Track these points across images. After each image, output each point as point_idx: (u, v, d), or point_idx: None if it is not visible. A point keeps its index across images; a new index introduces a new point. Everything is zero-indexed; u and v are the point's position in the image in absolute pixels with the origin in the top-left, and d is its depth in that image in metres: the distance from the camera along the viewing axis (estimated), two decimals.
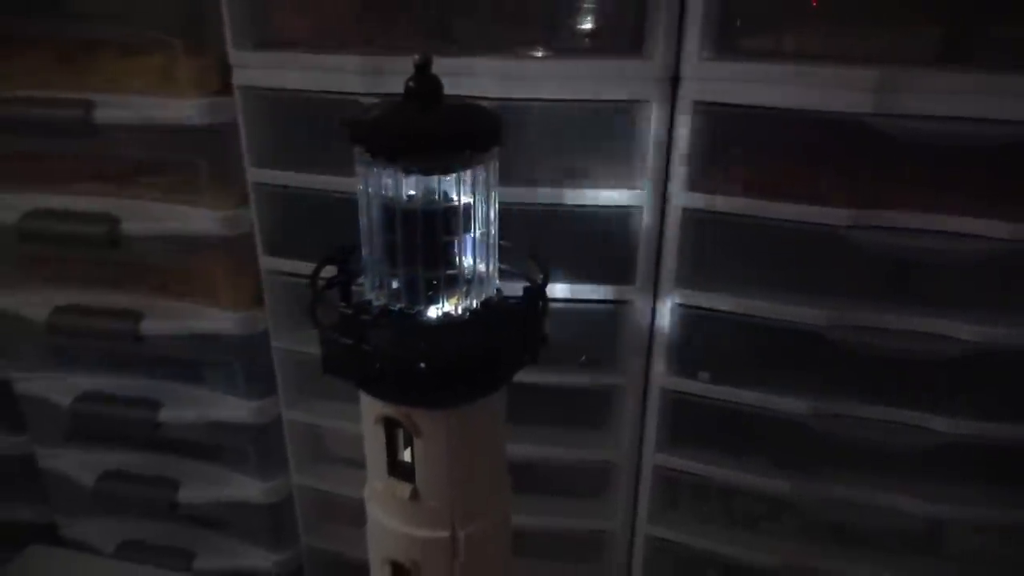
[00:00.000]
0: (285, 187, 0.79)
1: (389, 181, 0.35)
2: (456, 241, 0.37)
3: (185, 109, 0.78)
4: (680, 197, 0.71)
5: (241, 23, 0.75)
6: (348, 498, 0.90)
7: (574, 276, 0.76)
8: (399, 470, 0.41)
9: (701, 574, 0.89)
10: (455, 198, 0.36)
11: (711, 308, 0.75)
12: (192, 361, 0.92)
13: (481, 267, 0.38)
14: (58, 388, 0.97)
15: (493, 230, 0.39)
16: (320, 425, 0.93)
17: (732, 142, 0.70)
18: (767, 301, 0.72)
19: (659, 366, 0.79)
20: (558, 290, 0.76)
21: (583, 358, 0.82)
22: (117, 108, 0.79)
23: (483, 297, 0.39)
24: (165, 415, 0.93)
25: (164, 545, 1.04)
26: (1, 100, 0.80)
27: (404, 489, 0.41)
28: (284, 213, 0.82)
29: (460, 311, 0.38)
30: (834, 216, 0.67)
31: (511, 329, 0.39)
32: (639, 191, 0.72)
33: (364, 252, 0.38)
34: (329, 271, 0.42)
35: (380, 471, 0.42)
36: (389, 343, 0.38)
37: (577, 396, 0.84)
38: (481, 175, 0.37)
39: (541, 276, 0.40)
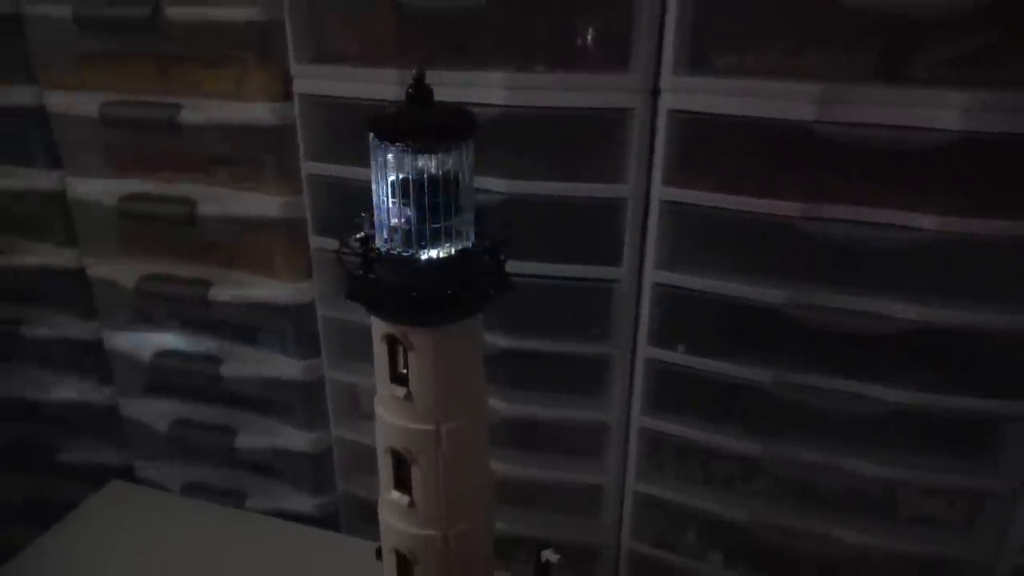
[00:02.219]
0: (333, 178, 0.95)
1: (392, 159, 0.49)
2: (440, 204, 0.51)
3: (254, 112, 0.94)
4: (660, 191, 0.84)
5: (301, 42, 0.91)
6: None
7: (571, 258, 0.89)
8: (398, 377, 0.55)
9: (683, 527, 1.00)
10: (439, 172, 0.50)
11: (687, 288, 0.86)
12: (250, 325, 1.08)
13: (460, 224, 0.52)
14: (140, 345, 1.14)
15: (469, 197, 0.52)
16: (357, 384, 1.07)
17: (703, 145, 0.82)
18: (734, 282, 0.84)
19: (643, 339, 0.91)
20: (556, 270, 0.89)
21: (596, 329, 0.93)
22: (199, 111, 0.95)
23: (461, 247, 0.52)
24: (226, 371, 1.09)
25: (222, 487, 1.20)
26: (109, 103, 0.97)
27: (401, 392, 0.55)
28: (331, 200, 0.97)
29: (443, 256, 0.52)
30: (787, 208, 0.78)
31: (481, 271, 0.53)
32: (625, 186, 0.84)
33: (375, 212, 0.52)
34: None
35: (384, 379, 0.56)
36: (391, 277, 0.52)
37: (577, 364, 0.96)
38: (459, 156, 0.50)
39: (502, 235, 0.53)
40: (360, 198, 0.90)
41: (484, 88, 0.83)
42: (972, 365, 0.81)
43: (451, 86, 0.59)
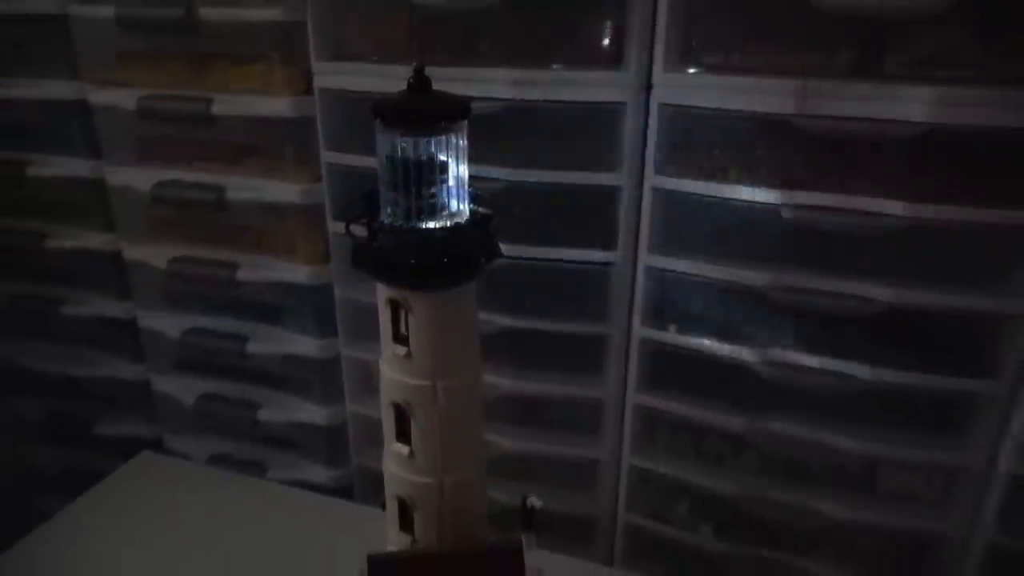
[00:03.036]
0: (349, 166, 1.02)
1: (392, 140, 0.56)
2: (436, 181, 0.57)
3: (278, 106, 1.01)
4: (652, 180, 0.90)
5: (321, 41, 0.98)
6: None
7: (569, 243, 0.95)
8: (399, 338, 0.62)
9: (675, 500, 1.06)
10: (435, 153, 0.57)
11: (677, 271, 0.92)
12: (273, 305, 1.16)
13: (454, 201, 0.59)
14: (170, 324, 1.23)
15: (463, 176, 0.59)
16: (370, 361, 1.14)
17: (692, 136, 0.88)
18: (720, 265, 0.90)
19: (637, 319, 0.97)
20: (555, 253, 0.96)
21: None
22: (228, 104, 1.03)
23: (455, 221, 0.59)
24: (251, 348, 1.17)
25: (244, 459, 1.28)
26: (146, 97, 1.06)
27: (402, 351, 0.62)
28: (348, 187, 1.04)
29: (439, 228, 0.58)
30: (767, 196, 0.84)
31: (473, 242, 0.59)
32: (620, 175, 0.91)
33: (380, 188, 0.59)
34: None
35: (388, 339, 0.63)
36: (392, 246, 0.58)
37: (575, 344, 1.02)
38: (453, 139, 0.57)
39: (492, 212, 0.60)
40: (373, 185, 0.97)
41: (490, 84, 0.89)
42: (940, 345, 0.86)
43: (460, 81, 0.66)
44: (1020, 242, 0.78)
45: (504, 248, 0.96)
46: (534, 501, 0.65)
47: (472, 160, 0.61)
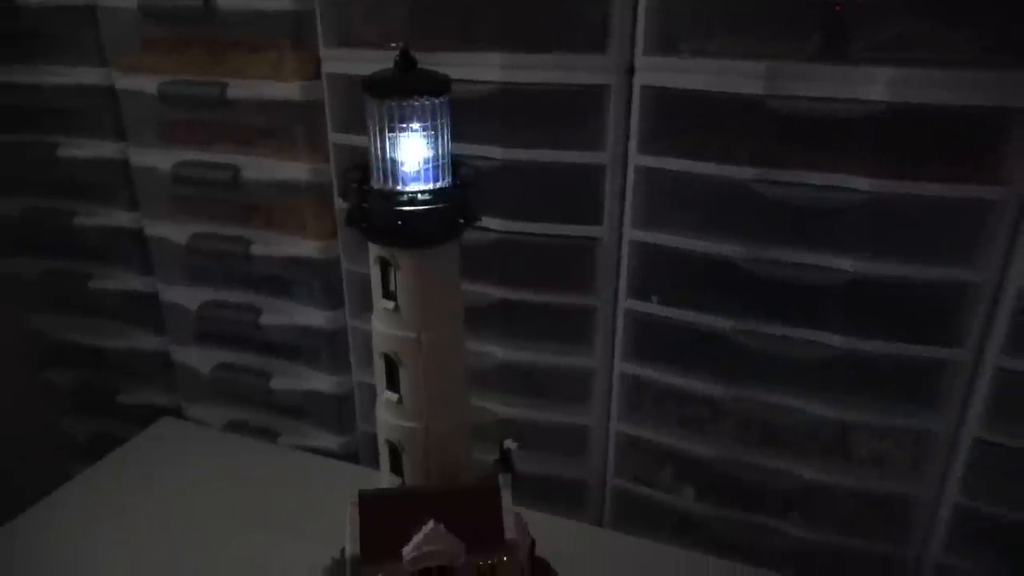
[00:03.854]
0: (355, 147, 1.09)
1: (380, 112, 0.62)
2: (421, 150, 0.64)
3: (289, 90, 1.08)
4: (635, 158, 0.95)
5: (329, 29, 1.05)
6: None
7: (558, 218, 1.01)
8: (388, 294, 0.68)
9: (660, 464, 1.11)
10: (418, 123, 0.63)
11: (659, 244, 0.98)
12: (284, 278, 1.23)
13: (437, 168, 0.65)
14: (189, 297, 1.30)
15: (446, 145, 0.65)
16: None
17: (672, 116, 0.93)
18: (699, 239, 0.95)
19: (623, 291, 1.03)
20: (545, 228, 1.02)
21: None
22: (243, 89, 1.10)
23: (437, 186, 0.65)
24: (264, 319, 1.24)
25: (258, 426, 1.35)
26: (167, 82, 1.13)
27: (390, 305, 0.68)
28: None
29: (424, 193, 0.65)
30: (741, 172, 0.89)
31: (454, 205, 0.65)
32: (605, 153, 0.96)
33: (371, 156, 0.66)
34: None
35: (379, 295, 0.69)
36: (381, 208, 0.65)
37: (565, 315, 1.08)
38: (434, 110, 0.63)
39: (472, 178, 0.66)
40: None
41: (484, 67, 0.95)
42: (909, 314, 0.90)
43: (456, 65, 0.71)
44: (980, 215, 0.83)
45: (497, 223, 1.04)
46: (510, 444, 0.71)
47: (467, 139, 0.67)
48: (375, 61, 1.01)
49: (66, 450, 1.56)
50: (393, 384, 0.72)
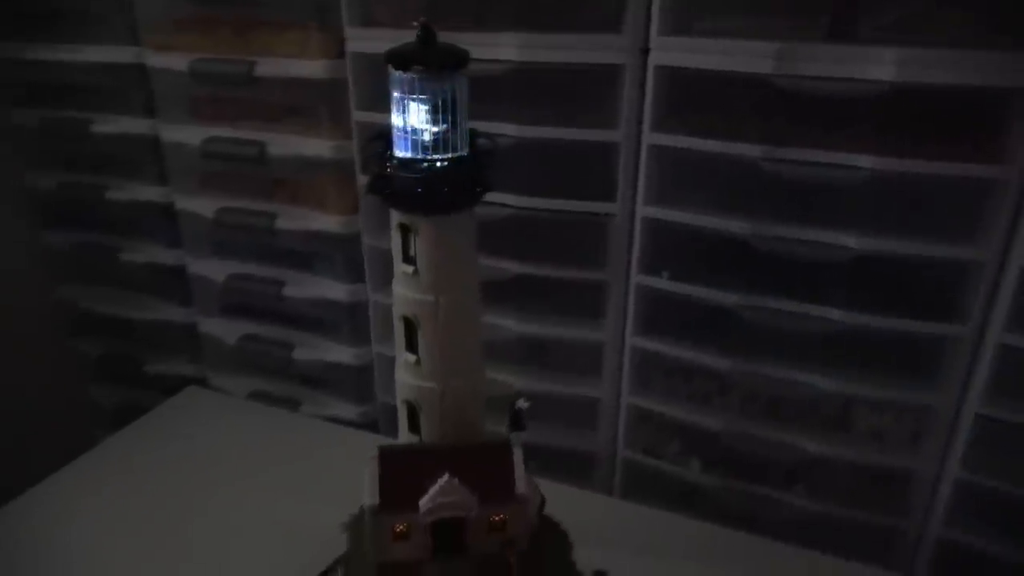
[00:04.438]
0: (377, 124, 1.12)
1: (402, 84, 0.66)
2: (440, 121, 0.67)
3: (314, 69, 1.12)
4: (648, 136, 0.98)
5: (352, 10, 1.08)
6: None
7: (572, 195, 1.04)
8: (408, 258, 0.72)
9: (668, 436, 1.15)
10: (438, 95, 0.66)
11: (670, 221, 1.01)
12: (307, 252, 1.27)
13: (455, 138, 0.69)
14: (216, 270, 1.35)
15: (463, 116, 0.68)
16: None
17: (684, 96, 0.96)
18: (708, 215, 0.98)
19: (634, 266, 1.06)
20: (560, 204, 1.05)
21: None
22: (270, 67, 1.14)
23: (456, 155, 0.69)
24: (287, 292, 1.29)
25: (280, 396, 1.40)
26: (197, 61, 1.17)
27: (410, 269, 0.72)
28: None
29: (442, 162, 0.68)
30: (750, 151, 0.92)
31: (471, 174, 0.69)
32: (618, 131, 0.99)
33: (392, 127, 0.69)
34: None
35: (399, 259, 0.73)
36: (403, 176, 0.68)
37: (578, 289, 1.11)
38: (453, 83, 0.66)
39: (488, 147, 0.70)
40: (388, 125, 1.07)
41: (501, 47, 0.98)
42: (911, 290, 0.93)
43: (473, 45, 0.74)
44: (981, 193, 0.85)
45: (512, 199, 1.07)
46: (521, 403, 0.75)
47: (483, 117, 0.71)
48: (397, 40, 1.06)
49: (93, 418, 1.62)
50: (412, 346, 0.76)
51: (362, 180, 1.18)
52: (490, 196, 0.73)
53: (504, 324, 1.14)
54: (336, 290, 1.26)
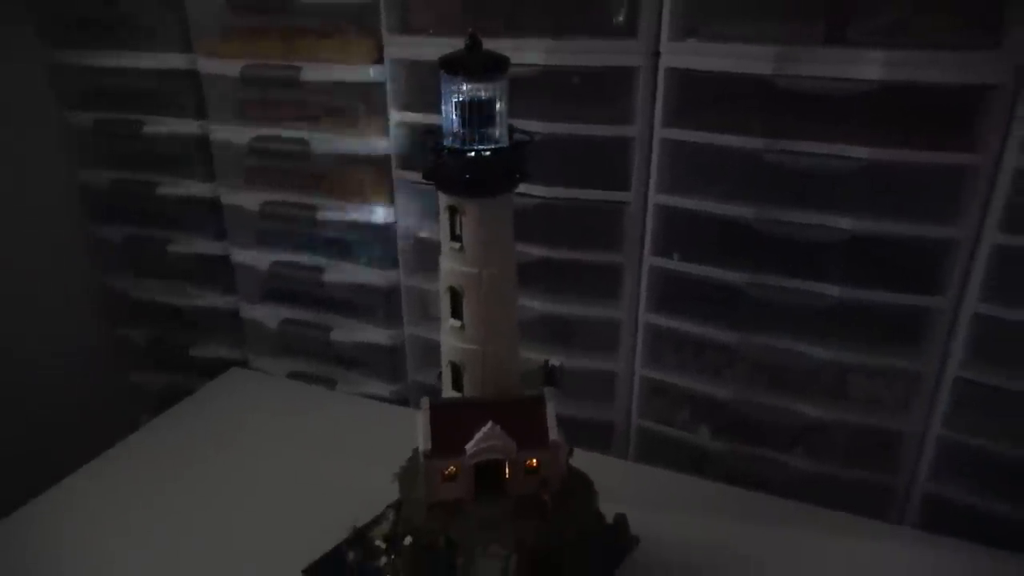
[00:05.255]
0: (412, 123, 1.23)
1: (453, 85, 0.77)
2: (484, 117, 0.78)
3: (355, 72, 1.23)
4: (660, 132, 1.09)
5: (391, 18, 1.19)
6: None
7: (591, 185, 1.15)
8: (455, 236, 0.83)
9: (679, 406, 1.25)
10: (483, 95, 0.77)
11: (680, 207, 1.12)
12: (345, 241, 1.38)
13: (497, 131, 0.79)
14: (259, 259, 1.46)
15: (504, 112, 0.79)
16: (427, 290, 1.36)
17: (693, 95, 1.06)
18: (716, 201, 1.09)
19: (648, 249, 1.16)
20: (580, 193, 1.16)
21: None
22: (314, 71, 1.25)
23: (497, 147, 0.80)
24: (327, 278, 1.40)
25: (318, 375, 1.51)
26: (248, 66, 1.29)
27: (456, 245, 0.83)
28: (410, 141, 1.26)
29: (486, 152, 0.79)
30: (753, 143, 1.03)
31: (510, 163, 0.80)
32: (633, 127, 1.10)
33: (443, 123, 0.80)
34: None
35: (447, 238, 0.84)
36: (452, 164, 0.79)
37: (599, 271, 1.22)
38: (496, 85, 0.77)
39: (528, 139, 0.80)
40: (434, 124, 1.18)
41: (528, 52, 1.09)
42: (898, 267, 1.03)
43: (504, 50, 0.85)
44: (959, 179, 0.96)
45: (539, 190, 1.18)
46: (554, 362, 0.86)
47: (513, 115, 0.81)
48: (431, 46, 1.18)
49: (140, 403, 1.72)
50: (457, 313, 0.86)
51: (398, 175, 1.29)
52: (518, 188, 0.84)
53: (529, 304, 1.25)
54: (372, 276, 1.37)
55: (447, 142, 0.80)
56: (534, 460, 0.85)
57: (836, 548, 1.04)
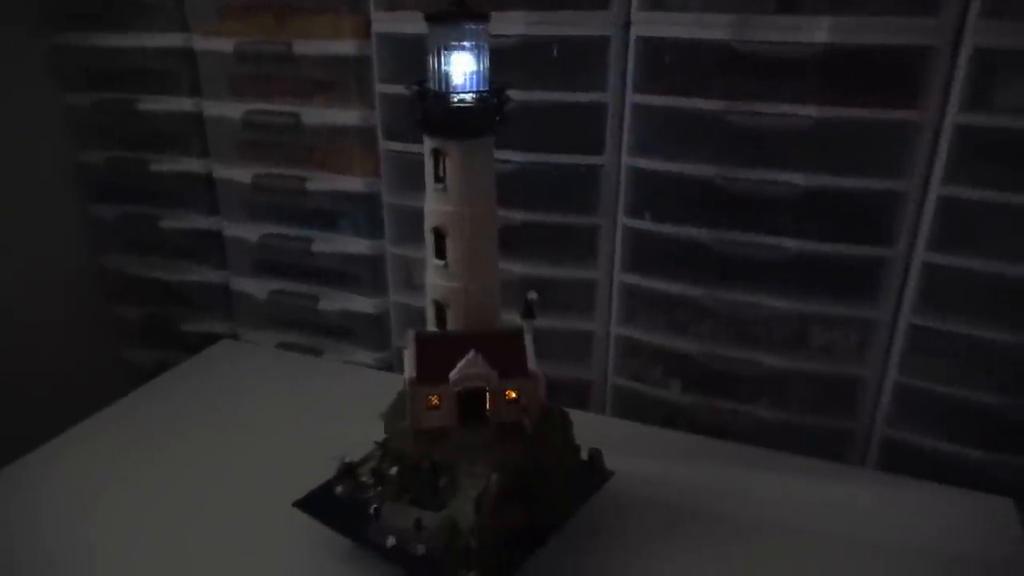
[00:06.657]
0: (398, 96, 1.30)
1: (437, 35, 0.84)
2: (467, 64, 0.85)
3: (345, 47, 1.30)
4: (631, 97, 1.17)
5: None
6: None
7: (567, 149, 1.23)
8: (439, 178, 0.90)
9: (652, 362, 1.32)
10: (464, 43, 0.84)
11: (650, 169, 1.19)
12: (333, 211, 1.44)
13: (478, 80, 0.86)
14: (250, 231, 1.52)
15: (485, 62, 0.86)
16: (411, 258, 1.42)
17: (661, 61, 1.14)
18: (682, 163, 1.17)
19: (621, 210, 1.24)
20: (557, 158, 1.23)
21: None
22: (306, 47, 1.32)
23: (479, 93, 0.87)
24: (315, 248, 1.46)
25: (305, 345, 1.56)
26: (241, 43, 1.35)
27: (440, 186, 0.89)
28: (397, 112, 1.33)
29: (468, 98, 0.86)
30: (714, 105, 1.11)
31: (490, 108, 0.87)
32: (606, 93, 1.18)
33: (429, 70, 0.87)
34: None
35: (431, 180, 0.90)
36: (437, 109, 0.86)
37: (578, 233, 1.28)
38: (478, 35, 0.85)
39: (502, 91, 0.87)
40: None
41: (509, 23, 1.17)
42: (847, 219, 1.11)
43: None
44: (904, 135, 1.04)
45: (517, 156, 1.24)
46: (531, 295, 0.92)
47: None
48: (416, 21, 1.25)
49: (131, 378, 1.76)
50: (440, 253, 0.93)
51: (384, 145, 1.35)
52: (497, 153, 0.90)
53: (509, 268, 1.31)
54: (358, 245, 1.43)
55: (431, 87, 0.87)
56: (514, 389, 0.91)
57: (801, 489, 1.09)
